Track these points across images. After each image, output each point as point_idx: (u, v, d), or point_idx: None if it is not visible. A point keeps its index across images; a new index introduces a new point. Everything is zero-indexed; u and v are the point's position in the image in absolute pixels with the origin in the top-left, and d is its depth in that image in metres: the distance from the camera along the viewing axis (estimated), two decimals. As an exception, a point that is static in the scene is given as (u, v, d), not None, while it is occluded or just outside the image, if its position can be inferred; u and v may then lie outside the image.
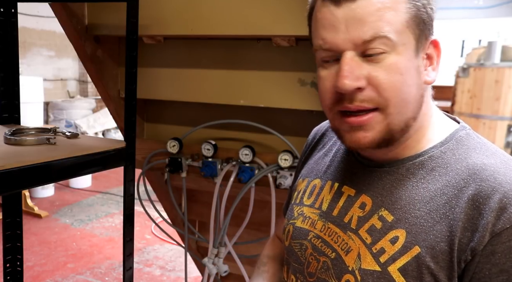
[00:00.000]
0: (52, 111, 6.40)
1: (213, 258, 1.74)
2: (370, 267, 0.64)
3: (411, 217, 0.63)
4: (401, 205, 0.65)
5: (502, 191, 0.58)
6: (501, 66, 4.52)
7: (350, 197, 0.72)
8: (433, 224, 0.61)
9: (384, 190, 0.68)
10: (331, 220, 0.73)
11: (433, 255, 0.60)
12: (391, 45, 0.60)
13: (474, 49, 5.10)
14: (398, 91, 0.61)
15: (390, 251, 0.63)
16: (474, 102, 4.74)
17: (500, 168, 0.61)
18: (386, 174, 0.69)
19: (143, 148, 1.73)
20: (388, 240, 0.64)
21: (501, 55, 4.61)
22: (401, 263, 0.62)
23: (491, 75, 4.55)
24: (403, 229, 0.63)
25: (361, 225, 0.68)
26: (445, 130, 0.70)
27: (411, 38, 0.62)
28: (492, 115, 4.57)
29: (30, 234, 3.76)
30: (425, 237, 0.61)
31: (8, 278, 1.47)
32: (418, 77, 0.64)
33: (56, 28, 6.42)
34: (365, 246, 0.66)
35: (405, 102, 0.62)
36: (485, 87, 4.58)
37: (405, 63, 0.62)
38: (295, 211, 0.82)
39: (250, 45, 1.52)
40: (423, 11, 0.62)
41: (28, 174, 1.00)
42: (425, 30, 0.63)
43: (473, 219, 0.58)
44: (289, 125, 1.61)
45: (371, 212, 0.68)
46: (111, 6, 1.51)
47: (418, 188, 0.65)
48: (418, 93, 0.64)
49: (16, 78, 1.44)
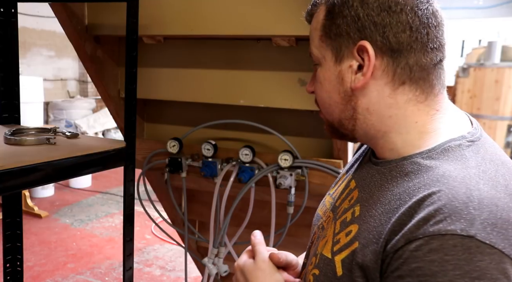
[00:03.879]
0: (52, 111, 6.40)
1: (213, 258, 1.74)
2: (326, 253, 0.70)
3: (368, 215, 0.66)
4: (369, 203, 0.67)
5: (437, 204, 0.56)
6: (501, 66, 4.52)
7: (351, 189, 0.76)
8: (378, 225, 0.62)
9: (369, 187, 0.71)
10: (333, 208, 0.78)
11: (364, 253, 0.62)
12: (316, 59, 0.73)
13: (474, 49, 5.10)
14: (319, 96, 0.75)
15: (342, 242, 0.68)
16: (474, 102, 4.74)
17: (456, 181, 0.58)
18: (376, 172, 0.71)
19: (143, 148, 1.73)
20: (345, 232, 0.68)
21: (501, 55, 4.61)
22: (344, 255, 0.66)
23: (491, 75, 4.55)
24: (357, 225, 0.66)
25: (341, 216, 0.73)
26: (442, 137, 0.67)
27: (327, 50, 0.71)
28: (492, 115, 4.57)
29: (30, 234, 3.76)
30: (366, 235, 0.63)
31: (8, 278, 1.47)
32: (340, 84, 0.70)
33: (56, 28, 6.42)
34: (332, 234, 0.72)
35: (327, 105, 0.74)
36: (485, 87, 4.58)
37: (324, 73, 0.72)
38: (324, 199, 0.89)
39: (250, 45, 1.52)
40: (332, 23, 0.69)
41: (28, 174, 1.00)
42: (342, 39, 0.68)
43: (402, 225, 0.58)
44: (289, 125, 1.61)
45: (351, 206, 0.72)
46: (111, 6, 1.51)
47: (388, 189, 0.65)
48: (341, 98, 0.71)
49: (16, 78, 1.44)
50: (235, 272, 0.82)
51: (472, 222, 0.53)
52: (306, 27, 1.34)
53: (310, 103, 1.47)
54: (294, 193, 1.54)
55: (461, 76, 4.81)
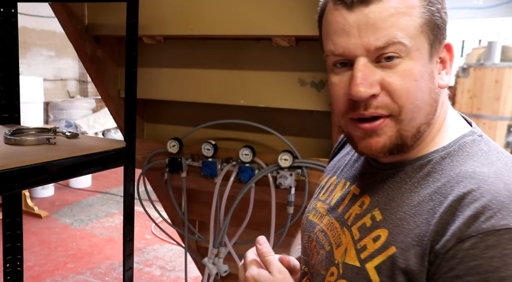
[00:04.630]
0: (52, 111, 6.39)
1: (213, 258, 1.74)
2: (352, 262, 0.66)
3: (396, 218, 0.64)
4: (391, 206, 0.66)
5: (481, 200, 0.57)
6: (501, 66, 4.52)
7: (355, 195, 0.74)
8: (414, 227, 0.61)
9: (382, 191, 0.69)
10: (335, 215, 0.75)
11: (406, 257, 0.60)
12: (405, 51, 0.60)
13: (474, 49, 5.10)
14: (412, 97, 0.61)
15: (370, 248, 0.64)
16: (474, 102, 4.74)
17: (490, 177, 0.59)
18: (388, 176, 0.69)
19: (143, 148, 1.73)
20: (372, 238, 0.65)
21: (501, 55, 4.61)
22: (378, 261, 0.63)
23: (491, 75, 4.55)
24: (386, 229, 0.64)
25: (355, 222, 0.69)
26: (452, 134, 0.68)
27: (425, 43, 0.62)
28: (492, 115, 4.57)
29: (30, 234, 3.76)
30: (403, 239, 0.61)
31: (8, 278, 1.47)
32: (431, 82, 0.63)
33: (56, 28, 6.42)
34: (352, 241, 0.68)
35: (418, 108, 0.62)
36: (485, 87, 4.58)
37: (419, 68, 0.61)
38: (311, 205, 0.85)
39: (250, 45, 1.52)
40: (437, 15, 0.62)
41: (28, 174, 1.00)
42: (439, 34, 0.63)
43: (446, 224, 0.58)
44: (289, 125, 1.61)
45: (366, 211, 0.69)
46: (111, 6, 1.51)
47: (411, 191, 0.65)
48: (432, 98, 0.64)
49: (16, 78, 1.44)
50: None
51: None
52: (306, 27, 1.34)
53: (310, 103, 1.48)
54: (294, 193, 1.54)
55: (461, 76, 4.81)
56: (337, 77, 0.65)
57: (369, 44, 0.59)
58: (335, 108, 0.68)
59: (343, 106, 0.65)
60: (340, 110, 0.66)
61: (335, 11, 0.62)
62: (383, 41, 0.59)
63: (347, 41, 0.61)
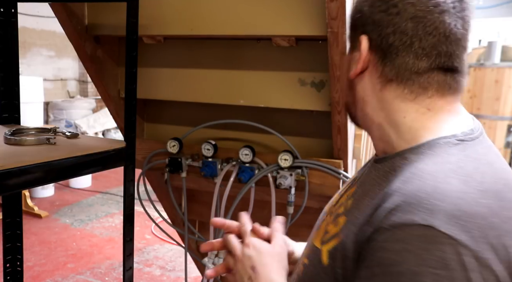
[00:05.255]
0: (52, 111, 6.39)
1: (213, 258, 1.74)
2: (316, 243, 0.72)
3: (355, 209, 0.67)
4: (361, 197, 0.69)
5: (404, 195, 0.57)
6: (501, 66, 4.52)
7: (351, 186, 0.79)
8: (361, 218, 0.63)
9: (364, 183, 0.73)
10: (334, 203, 0.81)
11: (346, 245, 0.64)
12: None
13: (474, 49, 5.10)
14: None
15: (330, 233, 0.70)
16: (474, 102, 4.74)
17: (429, 174, 0.59)
18: (374, 168, 0.73)
19: (143, 148, 1.73)
20: (334, 224, 0.71)
21: (501, 55, 4.61)
22: (330, 246, 0.68)
23: (491, 75, 4.55)
24: (345, 217, 0.69)
25: (337, 209, 0.75)
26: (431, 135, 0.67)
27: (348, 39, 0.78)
28: (492, 115, 4.57)
29: (30, 234, 3.75)
30: (350, 227, 0.65)
31: (8, 278, 1.47)
32: (347, 71, 0.77)
33: (56, 28, 6.42)
34: (325, 225, 0.74)
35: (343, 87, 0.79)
36: (485, 87, 4.58)
37: (346, 59, 0.79)
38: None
39: (250, 45, 1.52)
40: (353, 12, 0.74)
41: (28, 174, 1.00)
42: (352, 31, 0.75)
43: (372, 216, 0.60)
44: (289, 125, 1.61)
45: (347, 200, 0.74)
46: (111, 6, 1.51)
47: (375, 184, 0.68)
48: (346, 84, 0.78)
49: (16, 78, 1.44)
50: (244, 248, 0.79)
51: (434, 212, 0.54)
52: (306, 27, 1.35)
53: (310, 103, 1.48)
54: (294, 193, 1.54)
55: (461, 76, 4.80)
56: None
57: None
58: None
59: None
60: None
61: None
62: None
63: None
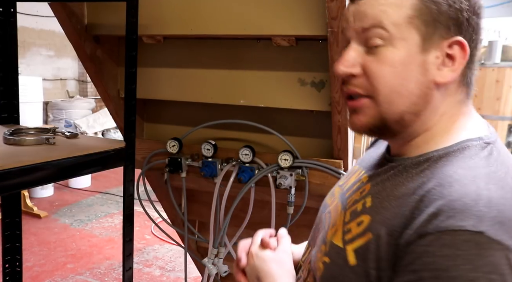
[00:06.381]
0: (51, 111, 6.39)
1: (213, 258, 1.73)
2: (337, 242, 0.70)
3: (380, 207, 0.66)
4: (382, 196, 0.68)
5: (446, 199, 0.58)
6: (501, 66, 4.52)
7: (362, 183, 0.77)
8: (392, 217, 0.63)
9: (381, 181, 0.72)
10: (342, 199, 0.79)
11: (379, 245, 0.63)
12: (386, 37, 0.65)
13: (474, 49, 5.08)
14: (388, 82, 0.65)
15: (354, 232, 0.68)
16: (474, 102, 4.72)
17: (467, 179, 0.60)
18: (391, 168, 0.72)
19: (143, 148, 1.73)
20: (357, 223, 0.69)
21: (502, 55, 4.61)
22: (357, 245, 0.66)
23: (492, 75, 4.55)
24: (370, 215, 0.67)
25: (350, 206, 0.73)
26: (459, 137, 0.68)
27: (414, 34, 0.64)
28: (493, 115, 4.57)
29: (29, 234, 3.75)
30: (380, 226, 0.64)
31: (7, 279, 1.47)
32: (420, 74, 0.65)
33: (56, 28, 6.41)
34: (342, 223, 0.72)
35: (397, 94, 0.66)
36: (486, 87, 4.58)
37: (402, 57, 0.65)
38: (332, 189, 0.90)
39: (250, 45, 1.52)
40: (433, 8, 0.64)
41: (27, 174, 1.00)
42: (438, 28, 0.65)
43: (412, 218, 0.60)
44: (289, 125, 1.60)
45: (362, 197, 0.72)
46: (111, 6, 1.51)
47: (402, 184, 0.67)
48: (420, 90, 0.66)
49: (15, 78, 1.44)
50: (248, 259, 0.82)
51: (482, 219, 0.55)
52: (306, 27, 1.34)
53: (310, 103, 1.47)
54: (294, 193, 1.54)
55: (461, 76, 4.81)
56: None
57: (358, 27, 0.67)
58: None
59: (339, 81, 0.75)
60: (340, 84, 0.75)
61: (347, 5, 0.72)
62: (368, 23, 0.66)
63: (347, 26, 0.70)
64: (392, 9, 0.64)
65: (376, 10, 0.65)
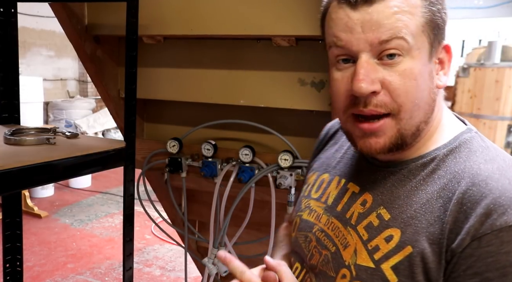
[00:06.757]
0: (52, 111, 6.39)
1: (213, 258, 1.73)
2: (365, 263, 0.66)
3: (406, 217, 0.64)
4: (399, 205, 0.66)
5: (490, 197, 0.58)
6: (501, 66, 4.52)
7: (354, 193, 0.73)
8: (427, 226, 0.62)
9: (385, 189, 0.69)
10: (334, 214, 0.75)
11: (424, 256, 0.61)
12: (406, 48, 0.61)
13: (474, 49, 5.09)
14: (411, 96, 0.62)
15: (384, 249, 0.64)
16: (474, 102, 4.73)
17: (495, 173, 0.61)
18: (390, 174, 0.70)
19: (143, 148, 1.73)
20: (383, 238, 0.65)
21: (501, 55, 4.61)
22: (394, 262, 0.63)
23: (491, 75, 4.55)
24: (398, 229, 0.64)
25: (359, 221, 0.69)
26: (451, 132, 0.70)
27: (425, 42, 0.63)
28: (492, 115, 4.56)
29: (29, 234, 3.75)
30: (418, 238, 0.62)
31: (8, 278, 1.47)
32: (431, 82, 0.64)
33: (56, 28, 6.41)
34: (361, 242, 0.67)
35: (417, 107, 0.63)
36: (485, 87, 4.57)
37: (420, 68, 0.62)
38: (303, 203, 0.84)
39: (250, 45, 1.52)
40: (438, 15, 0.63)
41: (28, 174, 1.00)
42: (439, 35, 0.64)
43: (458, 222, 0.59)
44: (289, 125, 1.60)
45: (370, 209, 0.69)
46: (111, 6, 1.51)
47: (417, 189, 0.66)
48: (430, 97, 0.65)
49: (16, 78, 1.44)
50: None
51: None
52: (306, 27, 1.33)
53: (310, 103, 1.48)
54: (294, 193, 1.54)
55: (461, 76, 4.81)
56: (339, 73, 0.66)
57: (373, 39, 0.60)
58: (335, 104, 0.68)
59: (344, 103, 0.65)
60: (340, 107, 0.66)
61: (339, 10, 0.63)
62: (387, 35, 0.60)
63: (351, 36, 0.62)
64: (408, 17, 0.60)
65: (392, 19, 0.59)
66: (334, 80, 0.67)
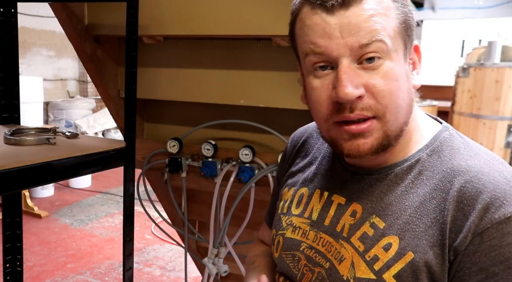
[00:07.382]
0: (52, 111, 6.39)
1: (213, 258, 1.73)
2: (365, 275, 0.64)
3: (402, 223, 0.63)
4: (392, 211, 0.65)
5: (485, 192, 0.59)
6: (501, 66, 4.52)
7: (341, 205, 0.71)
8: (425, 229, 0.61)
9: (374, 197, 0.68)
10: (323, 229, 0.72)
11: (427, 260, 0.60)
12: (386, 50, 0.60)
13: (474, 49, 5.10)
14: (395, 97, 0.62)
15: (383, 258, 0.63)
16: (474, 102, 4.74)
17: (484, 168, 0.62)
18: (376, 180, 0.69)
19: (143, 148, 1.73)
20: (381, 247, 0.64)
21: (501, 55, 4.61)
22: (396, 270, 0.62)
23: (491, 75, 4.55)
24: (396, 236, 0.63)
25: (352, 233, 0.68)
26: (429, 132, 0.70)
27: (401, 44, 0.63)
28: (492, 115, 4.57)
29: (30, 234, 3.75)
30: (418, 242, 0.61)
31: (8, 278, 1.47)
32: (408, 82, 0.65)
33: (56, 28, 6.42)
34: (358, 254, 0.66)
35: (400, 108, 0.63)
36: (485, 87, 4.58)
37: (398, 69, 0.62)
38: (283, 221, 0.80)
39: (250, 45, 1.52)
40: (409, 16, 0.64)
41: (28, 174, 1.00)
42: (411, 35, 0.65)
43: (458, 221, 0.59)
44: (289, 125, 1.60)
45: (362, 219, 0.67)
46: (111, 6, 1.51)
47: (408, 193, 0.65)
48: (409, 98, 0.65)
49: (16, 78, 1.44)
50: None
51: None
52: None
53: (310, 103, 1.48)
54: (294, 193, 1.54)
55: (461, 76, 4.81)
56: (318, 81, 0.64)
57: (352, 43, 0.59)
58: (316, 114, 0.67)
59: (326, 111, 0.64)
60: (322, 115, 0.66)
61: (313, 15, 0.62)
62: (367, 38, 0.59)
63: (330, 42, 0.60)
64: (384, 20, 0.60)
65: (370, 22, 0.59)
66: (313, 89, 0.65)
